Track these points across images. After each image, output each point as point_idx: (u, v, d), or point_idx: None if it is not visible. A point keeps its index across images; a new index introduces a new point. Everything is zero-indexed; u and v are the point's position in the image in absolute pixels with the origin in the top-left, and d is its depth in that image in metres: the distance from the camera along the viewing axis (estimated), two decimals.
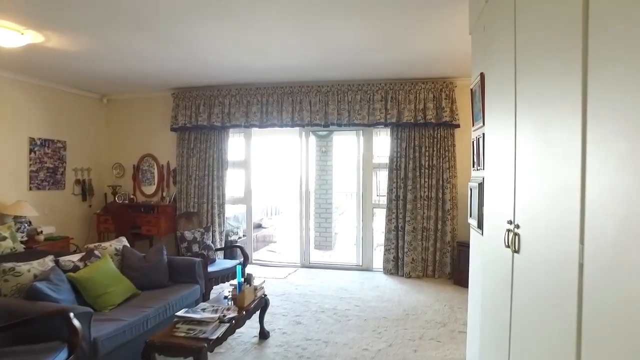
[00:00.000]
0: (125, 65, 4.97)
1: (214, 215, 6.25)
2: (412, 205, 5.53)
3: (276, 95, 5.91)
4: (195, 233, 4.49)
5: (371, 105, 5.58)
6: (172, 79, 5.77)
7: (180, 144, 6.43)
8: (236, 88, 6.05)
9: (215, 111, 6.11)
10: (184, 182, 6.40)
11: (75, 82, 6.01)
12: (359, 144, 6.17)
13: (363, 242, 6.05)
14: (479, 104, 2.43)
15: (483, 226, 2.27)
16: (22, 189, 5.54)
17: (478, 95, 2.46)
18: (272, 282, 5.31)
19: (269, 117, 5.94)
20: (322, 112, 5.73)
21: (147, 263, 3.76)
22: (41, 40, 3.99)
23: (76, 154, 6.36)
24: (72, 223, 6.32)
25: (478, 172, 2.53)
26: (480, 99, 2.38)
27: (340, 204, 8.47)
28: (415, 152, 5.54)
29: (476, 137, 2.59)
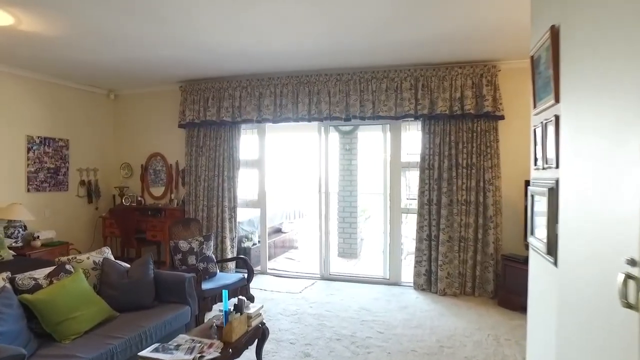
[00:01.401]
0: (126, 56, 4.45)
1: (225, 220, 5.67)
2: (448, 210, 4.73)
3: (291, 86, 5.25)
4: (192, 242, 3.90)
5: (399, 94, 4.82)
6: (179, 70, 5.22)
7: (189, 141, 5.90)
8: (247, 79, 5.44)
9: (224, 105, 5.53)
10: (193, 184, 5.86)
11: (79, 77, 5.58)
12: (385, 140, 5.42)
13: (390, 252, 5.29)
14: (547, 72, 1.67)
15: (557, 254, 1.51)
16: (19, 191, 5.15)
17: (545, 60, 1.71)
18: (285, 297, 4.65)
19: (283, 111, 5.29)
20: (342, 104, 5.02)
21: (128, 279, 3.18)
22: (10, 21, 3.50)
23: (80, 154, 5.95)
24: (77, 227, 5.91)
25: (545, 172, 1.76)
26: (550, 65, 1.62)
27: (367, 208, 7.72)
28: (450, 149, 4.73)
29: (541, 121, 1.82)
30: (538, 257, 1.90)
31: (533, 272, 2.08)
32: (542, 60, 1.73)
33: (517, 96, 4.57)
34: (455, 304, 4.41)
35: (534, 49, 1.88)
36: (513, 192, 4.61)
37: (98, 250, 3.41)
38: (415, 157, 5.01)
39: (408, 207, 5.41)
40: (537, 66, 1.86)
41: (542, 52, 1.73)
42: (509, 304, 4.17)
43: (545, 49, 1.65)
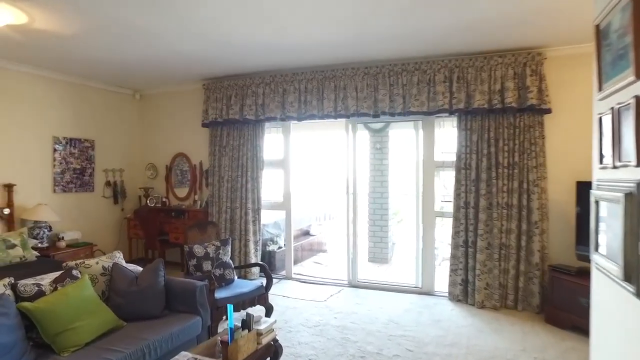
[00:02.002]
0: (145, 52, 4.31)
1: (248, 222, 5.46)
2: (487, 214, 4.29)
3: (316, 81, 4.96)
4: (208, 247, 3.68)
5: (432, 88, 4.43)
6: (201, 67, 5.05)
7: (212, 141, 5.73)
8: (270, 75, 5.20)
9: (247, 103, 5.32)
10: (216, 184, 5.69)
11: (104, 78, 5.55)
12: (417, 138, 5.03)
13: (423, 259, 4.89)
14: (622, 41, 1.29)
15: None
16: (46, 192, 5.15)
17: (619, 26, 1.32)
18: (308, 306, 4.36)
19: (307, 108, 5.01)
20: (370, 99, 4.68)
21: (137, 287, 2.99)
22: (24, 20, 3.41)
23: (106, 154, 5.92)
24: (102, 228, 5.87)
25: (619, 172, 1.38)
26: (628, 29, 1.24)
27: (399, 210, 7.31)
28: (490, 147, 4.29)
29: (612, 107, 1.43)
30: (607, 281, 1.50)
31: (598, 298, 1.68)
32: (614, 26, 1.35)
33: (567, 87, 4.08)
34: (495, 318, 3.97)
35: (601, 15, 1.49)
36: (562, 195, 4.11)
37: (108, 254, 3.24)
38: (451, 156, 4.60)
39: (443, 210, 4.98)
40: (605, 36, 1.47)
41: (614, 16, 1.35)
42: (558, 322, 3.69)
43: (621, 10, 1.27)
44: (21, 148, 4.89)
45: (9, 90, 4.76)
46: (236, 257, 5.50)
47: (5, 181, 4.73)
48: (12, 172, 4.79)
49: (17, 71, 4.79)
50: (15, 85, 4.81)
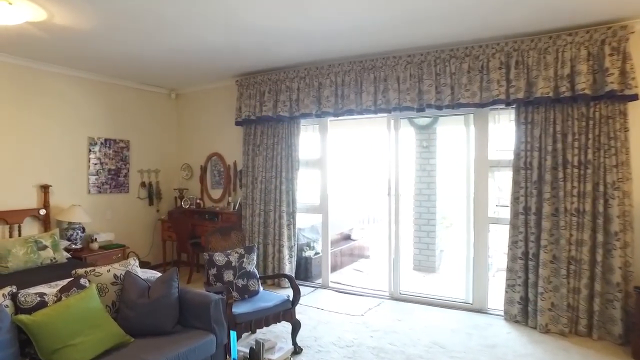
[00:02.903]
0: (174, 46, 4.09)
1: (282, 226, 5.13)
2: (551, 222, 3.65)
3: (353, 73, 4.53)
4: (230, 255, 3.36)
5: (485, 76, 3.85)
6: (234, 62, 4.77)
7: (246, 140, 5.47)
8: (305, 68, 4.84)
9: (281, 98, 4.99)
10: (250, 186, 5.42)
11: (140, 77, 5.46)
12: (468, 134, 4.46)
13: (474, 270, 4.30)
14: None
15: None
16: (81, 193, 5.12)
17: None
18: (342, 321, 3.94)
19: (345, 102, 4.59)
20: (414, 91, 4.17)
21: (147, 299, 2.72)
22: (44, 16, 3.28)
23: (141, 155, 5.84)
24: (137, 229, 5.79)
25: None
26: None
27: (448, 214, 6.69)
28: (555, 143, 3.65)
29: None
30: None
31: None
32: None
33: None
34: (563, 347, 3.33)
35: None
36: None
37: (122, 261, 3.01)
38: (507, 155, 4.00)
39: (497, 216, 4.36)
40: None
41: None
42: None
43: None
44: (57, 149, 4.87)
45: (45, 91, 4.75)
46: (269, 263, 5.20)
47: (41, 182, 4.73)
48: (48, 173, 4.79)
49: (52, 72, 4.78)
50: (51, 87, 4.80)
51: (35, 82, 4.65)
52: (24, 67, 4.54)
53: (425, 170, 6.01)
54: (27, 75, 4.58)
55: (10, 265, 3.95)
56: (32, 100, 4.64)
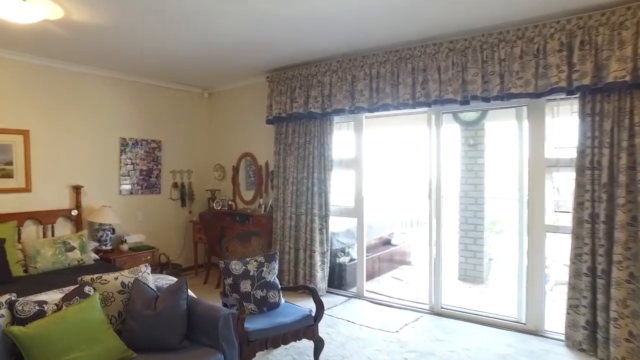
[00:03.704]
0: (198, 39, 3.90)
1: (314, 230, 4.81)
2: (627, 233, 3.05)
3: (389, 64, 4.13)
4: (249, 264, 3.07)
5: (541, 60, 3.31)
6: (264, 56, 4.50)
7: (277, 139, 5.20)
8: (337, 60, 4.49)
9: (313, 94, 4.68)
10: (281, 187, 5.15)
11: (171, 76, 5.36)
12: (520, 129, 3.92)
13: (528, 284, 3.75)
14: None
15: None
16: (112, 193, 5.09)
17: None
18: (375, 338, 3.55)
19: (380, 96, 4.20)
20: (457, 81, 3.70)
21: (153, 310, 2.49)
22: (61, 13, 3.17)
23: (173, 155, 5.75)
24: (168, 231, 5.70)
25: None
26: None
27: (498, 219, 6.07)
28: (632, 137, 3.04)
29: None
30: None
31: None
32: None
33: None
34: None
35: None
36: None
37: (133, 268, 2.81)
38: (568, 153, 3.43)
39: (557, 223, 3.78)
40: None
41: None
42: None
43: None
44: (89, 150, 4.86)
45: (79, 93, 4.75)
46: (300, 269, 4.90)
47: (73, 183, 4.72)
48: (80, 173, 4.78)
49: (84, 73, 4.77)
50: (84, 88, 4.79)
51: (68, 84, 4.66)
52: (57, 69, 4.55)
53: (472, 170, 5.46)
54: (61, 77, 4.59)
55: (38, 265, 3.93)
56: (67, 102, 4.65)
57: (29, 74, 4.36)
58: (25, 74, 4.33)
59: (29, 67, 4.34)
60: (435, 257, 4.31)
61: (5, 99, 4.21)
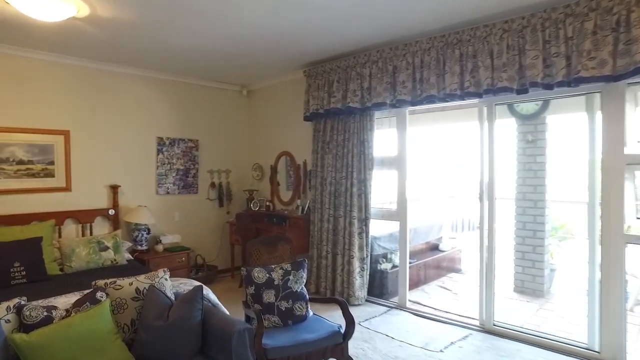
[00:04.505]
0: (230, 32, 3.73)
1: (353, 234, 4.49)
2: None
3: (434, 51, 3.71)
4: (273, 272, 2.81)
5: (622, 35, 2.76)
6: (301, 48, 4.23)
7: (315, 137, 4.93)
8: (377, 50, 4.14)
9: (351, 87, 4.35)
10: (318, 188, 4.87)
11: (208, 74, 5.25)
12: (592, 121, 3.36)
13: (602, 304, 3.18)
14: None
15: None
16: (149, 193, 5.06)
17: None
18: (416, 357, 3.16)
19: (424, 87, 3.79)
20: (513, 67, 3.22)
21: (164, 321, 2.29)
22: (87, 11, 3.09)
23: (211, 154, 5.65)
24: (205, 232, 5.61)
25: None
26: None
27: (562, 225, 5.40)
28: None
29: None
30: None
31: None
32: None
33: None
34: None
35: None
36: None
37: (150, 273, 2.64)
38: None
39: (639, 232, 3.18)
40: None
41: None
42: None
43: None
44: (127, 149, 4.85)
45: (117, 92, 4.76)
46: (338, 276, 4.59)
47: (111, 182, 4.73)
48: (117, 173, 4.78)
49: (120, 73, 4.77)
50: (120, 88, 4.79)
51: (106, 84, 4.67)
52: (95, 69, 4.57)
53: (531, 170, 4.87)
54: (99, 77, 4.61)
55: (73, 264, 3.92)
56: (105, 102, 4.67)
57: (68, 75, 4.40)
58: (64, 75, 4.37)
59: (68, 69, 4.38)
60: (487, 266, 3.82)
61: (47, 100, 4.27)
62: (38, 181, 4.25)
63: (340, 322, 2.74)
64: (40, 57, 4.19)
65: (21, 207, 4.13)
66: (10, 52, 4.01)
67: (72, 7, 3.00)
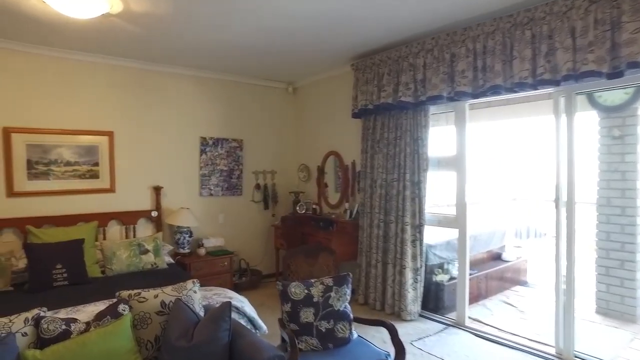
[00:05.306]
0: (267, 24, 3.48)
1: (405, 242, 4.07)
2: None
3: (499, 34, 3.21)
4: (312, 287, 2.48)
5: None
6: (349, 39, 3.90)
7: (364, 135, 4.57)
8: (432, 38, 3.69)
9: (403, 80, 3.94)
10: (368, 190, 4.50)
11: (252, 71, 5.05)
12: None
13: None
14: None
15: None
16: (192, 195, 4.95)
17: None
18: None
19: (487, 76, 3.30)
20: (602, 46, 2.66)
21: (187, 342, 2.04)
22: (120, 6, 2.96)
23: (256, 155, 5.45)
24: (250, 235, 5.42)
25: None
26: None
27: None
28: None
29: None
30: None
31: None
32: None
33: None
34: None
35: None
36: None
37: (178, 284, 2.41)
38: None
39: None
40: None
41: None
42: None
43: None
44: (170, 150, 4.77)
45: (158, 92, 4.68)
46: (388, 287, 4.19)
47: (154, 183, 4.66)
48: (160, 174, 4.70)
49: (162, 72, 4.69)
50: (163, 87, 4.71)
51: (149, 84, 4.61)
52: (138, 69, 4.52)
53: (618, 171, 4.17)
54: (141, 77, 4.56)
55: (114, 267, 3.85)
56: (148, 102, 4.61)
57: (112, 75, 4.37)
58: (108, 76, 4.35)
59: (111, 69, 4.35)
60: (566, 284, 3.25)
61: (91, 102, 4.26)
62: (84, 182, 4.25)
63: (390, 345, 2.36)
64: (84, 59, 4.18)
65: (69, 208, 4.14)
66: (55, 54, 4.02)
67: (105, 3, 2.88)
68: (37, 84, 3.97)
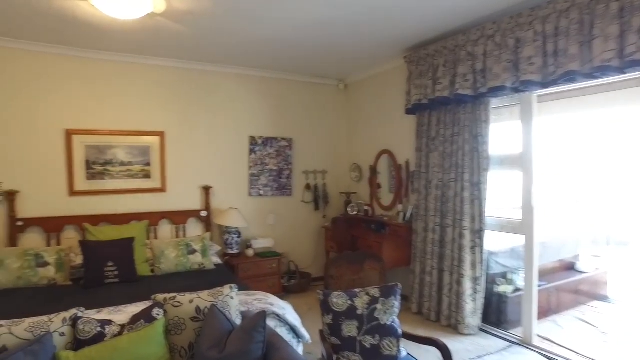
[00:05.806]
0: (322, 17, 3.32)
1: (463, 248, 3.73)
2: None
3: (575, 11, 2.79)
4: (356, 298, 2.26)
5: None
6: (399, 28, 3.65)
7: (419, 132, 4.27)
8: (493, 22, 3.33)
9: (460, 71, 3.60)
10: (423, 191, 4.20)
11: (303, 68, 4.94)
12: None
13: None
14: None
15: None
16: (241, 195, 4.92)
17: None
18: None
19: (559, 61, 2.89)
20: None
21: (218, 353, 1.91)
22: (163, 5, 2.93)
23: (306, 154, 5.32)
24: (300, 237, 5.29)
25: None
26: None
27: None
28: None
29: None
30: None
31: None
32: None
33: None
34: None
35: None
36: None
37: (215, 289, 2.30)
38: None
39: None
40: None
41: None
42: None
43: None
44: (219, 150, 4.77)
45: (208, 92, 4.70)
46: (444, 297, 3.87)
47: (204, 183, 4.67)
48: (210, 174, 4.72)
49: (212, 72, 4.72)
50: (212, 87, 4.73)
51: (199, 84, 4.64)
52: (188, 69, 4.57)
53: None
54: (192, 77, 4.60)
55: (162, 266, 3.89)
56: (198, 102, 4.64)
57: (163, 76, 4.44)
58: (159, 76, 4.42)
59: (161, 70, 4.42)
60: None
61: (143, 102, 4.35)
62: (137, 182, 4.34)
63: None
64: (134, 61, 4.27)
65: (123, 207, 4.25)
66: (107, 57, 4.14)
67: (149, 2, 2.86)
68: (92, 87, 4.11)
